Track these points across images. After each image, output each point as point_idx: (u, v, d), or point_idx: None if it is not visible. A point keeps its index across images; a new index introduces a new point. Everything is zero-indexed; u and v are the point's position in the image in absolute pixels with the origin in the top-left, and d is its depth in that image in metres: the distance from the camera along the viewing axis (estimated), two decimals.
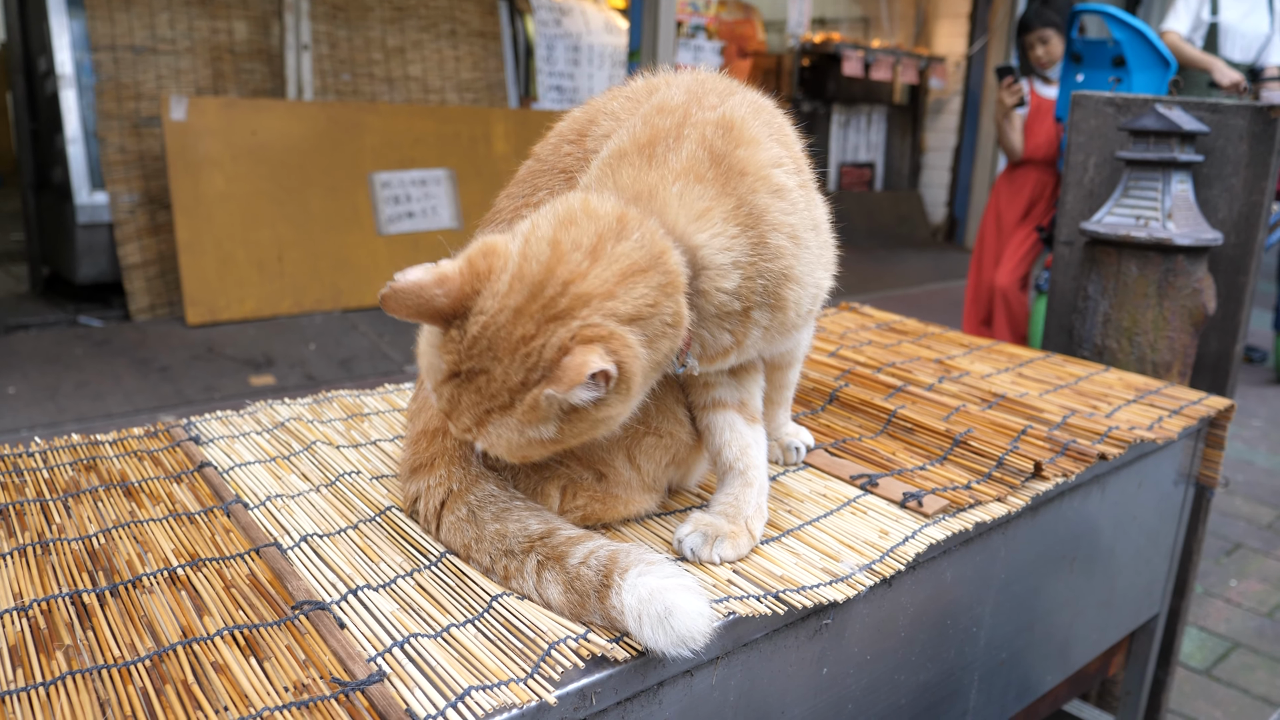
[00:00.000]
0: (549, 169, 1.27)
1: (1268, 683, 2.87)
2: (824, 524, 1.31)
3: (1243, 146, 2.18)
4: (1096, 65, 3.97)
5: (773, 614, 1.08)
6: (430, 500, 1.20)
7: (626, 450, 1.21)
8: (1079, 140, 2.40)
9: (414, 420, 1.29)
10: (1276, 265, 5.66)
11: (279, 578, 1.10)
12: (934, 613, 1.37)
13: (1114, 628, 1.88)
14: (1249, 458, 4.62)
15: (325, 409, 1.65)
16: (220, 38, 5.89)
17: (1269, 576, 3.50)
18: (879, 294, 7.29)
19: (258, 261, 5.70)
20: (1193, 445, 1.89)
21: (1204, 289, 2.15)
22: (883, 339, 2.15)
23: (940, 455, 1.53)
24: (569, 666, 0.96)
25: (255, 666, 0.95)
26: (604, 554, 1.03)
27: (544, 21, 6.87)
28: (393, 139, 6.17)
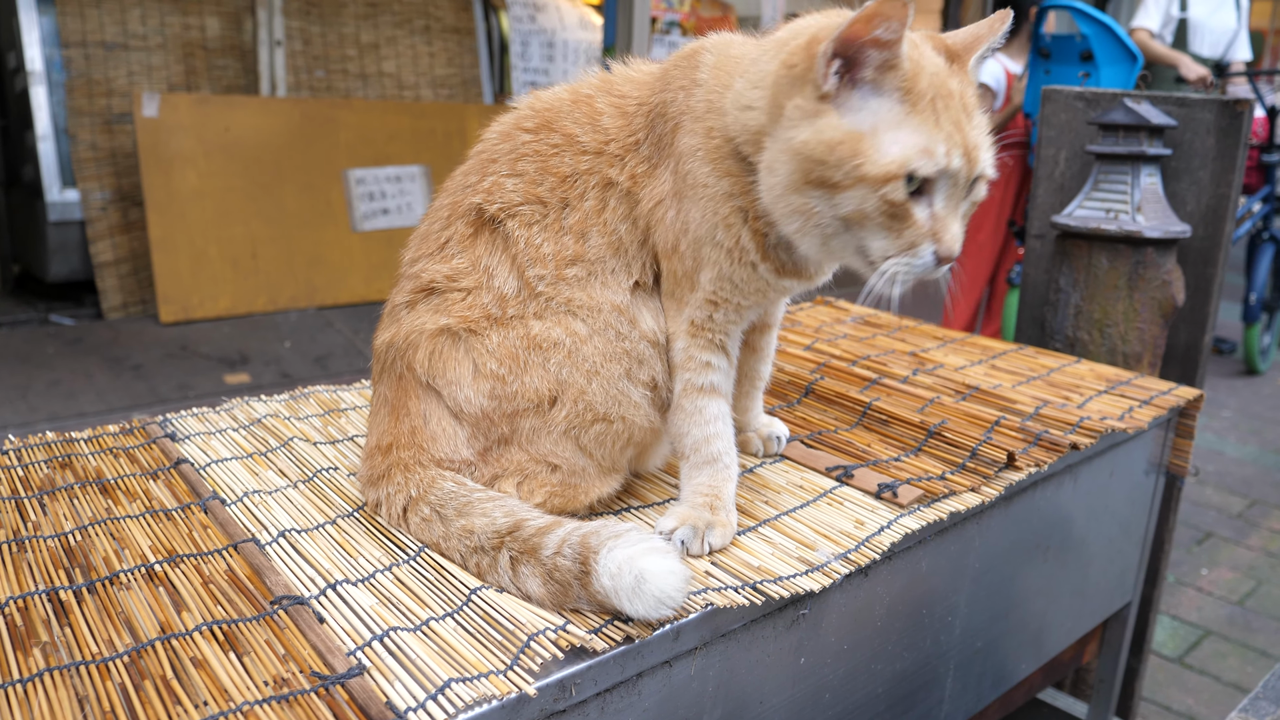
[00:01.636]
0: (505, 156, 1.27)
1: (1239, 670, 2.91)
2: (800, 515, 1.32)
3: (1210, 140, 2.21)
4: (1065, 60, 4.02)
5: (750, 605, 1.09)
6: (392, 507, 1.21)
7: (575, 440, 1.22)
8: (1049, 134, 2.43)
9: (369, 435, 1.30)
10: (1245, 258, 5.73)
11: (257, 573, 1.10)
12: (910, 602, 1.38)
13: (1087, 616, 1.91)
14: (1219, 448, 4.68)
15: (302, 405, 1.65)
16: (192, 34, 5.84)
17: (1239, 565, 3.55)
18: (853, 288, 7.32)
19: (232, 259, 5.66)
20: (1163, 435, 1.92)
21: (1173, 281, 2.18)
22: (858, 332, 2.17)
23: (915, 446, 1.54)
24: (548, 658, 0.96)
25: (234, 661, 0.95)
26: (577, 540, 1.04)
27: (518, 18, 6.85)
28: (367, 135, 6.14)
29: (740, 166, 1.16)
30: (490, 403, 1.19)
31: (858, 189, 1.03)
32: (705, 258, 1.21)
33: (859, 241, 1.08)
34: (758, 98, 1.11)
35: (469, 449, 1.21)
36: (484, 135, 1.32)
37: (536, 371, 1.19)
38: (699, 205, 1.19)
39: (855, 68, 1.03)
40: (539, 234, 1.22)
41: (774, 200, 1.10)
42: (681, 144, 1.20)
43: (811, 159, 1.04)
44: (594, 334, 1.20)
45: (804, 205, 1.07)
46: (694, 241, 1.21)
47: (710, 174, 1.18)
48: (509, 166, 1.25)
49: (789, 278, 1.24)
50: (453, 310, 1.21)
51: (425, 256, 1.27)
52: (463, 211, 1.26)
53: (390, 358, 1.25)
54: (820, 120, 1.03)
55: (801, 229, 1.10)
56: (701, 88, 1.20)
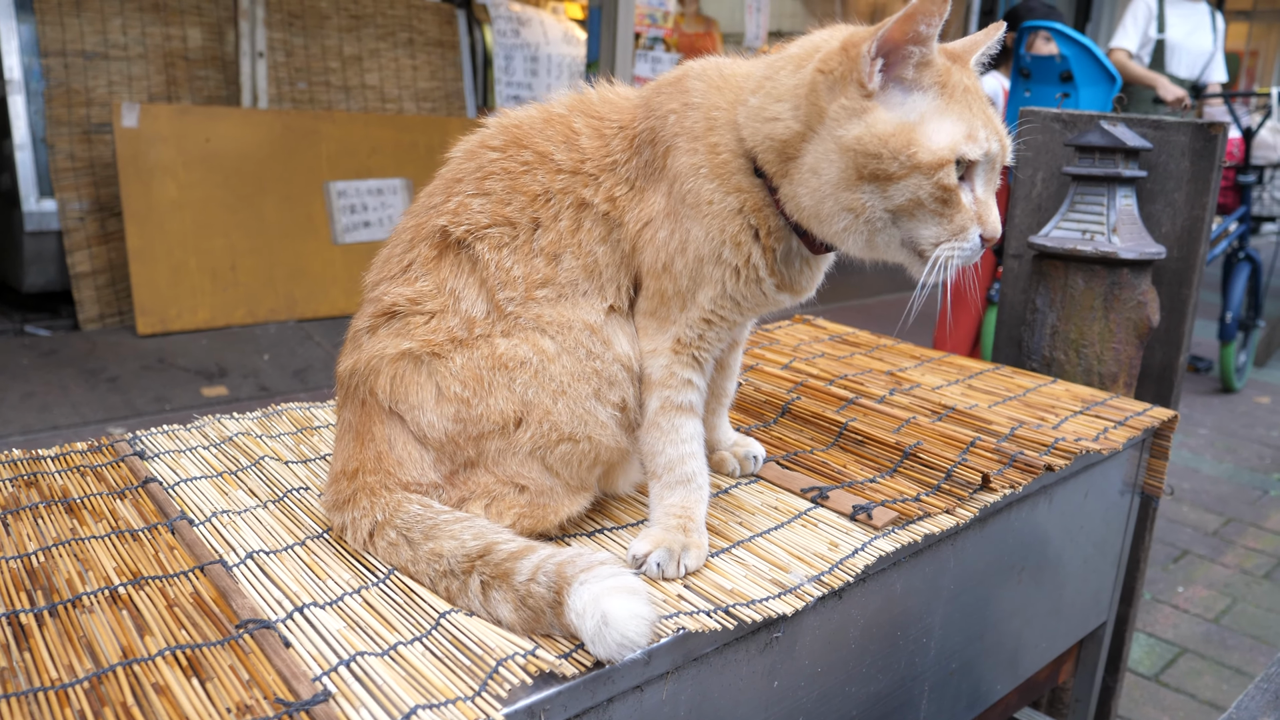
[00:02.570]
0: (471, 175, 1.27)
1: (1214, 687, 2.92)
2: (774, 536, 1.32)
3: (1185, 162, 2.23)
4: (1045, 80, 4.05)
5: (722, 628, 1.09)
6: (358, 531, 1.20)
7: (541, 460, 1.21)
8: (1026, 155, 2.44)
9: (334, 460, 1.28)
10: (1221, 277, 5.78)
11: (223, 596, 1.09)
12: (884, 624, 1.38)
13: (1063, 636, 1.91)
14: (1195, 465, 4.71)
15: (275, 423, 1.64)
16: (174, 44, 5.81)
17: (1215, 583, 3.57)
18: (835, 304, 7.35)
19: (211, 270, 5.63)
20: (1137, 455, 1.93)
21: (1148, 301, 2.19)
22: (836, 351, 2.17)
23: (890, 467, 1.54)
24: (517, 683, 0.95)
25: (197, 687, 0.93)
26: (552, 568, 1.03)
27: (502, 32, 6.86)
28: (349, 148, 6.12)
29: (750, 182, 1.19)
30: (455, 426, 1.18)
31: (912, 177, 1.08)
32: (707, 276, 1.22)
33: (908, 233, 1.12)
34: (784, 109, 1.14)
35: (435, 472, 1.20)
36: (450, 155, 1.31)
37: (501, 393, 1.18)
38: (702, 223, 1.20)
39: (895, 65, 1.08)
40: (509, 256, 1.22)
41: (819, 201, 1.13)
42: (678, 164, 1.21)
43: (865, 153, 1.08)
44: (563, 352, 1.19)
45: (854, 201, 1.10)
46: (694, 260, 1.21)
47: (716, 190, 1.19)
48: (475, 186, 1.25)
49: (785, 292, 1.27)
50: (415, 334, 1.20)
51: (387, 279, 1.26)
52: (426, 233, 1.25)
53: (353, 384, 1.24)
54: (869, 116, 1.08)
55: (849, 226, 1.13)
56: (697, 109, 1.22)
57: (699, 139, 1.20)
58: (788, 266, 1.25)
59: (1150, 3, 5.67)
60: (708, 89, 1.23)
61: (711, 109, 1.21)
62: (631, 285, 1.28)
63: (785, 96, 1.15)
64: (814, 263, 1.29)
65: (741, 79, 1.22)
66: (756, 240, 1.21)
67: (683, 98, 1.24)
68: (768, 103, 1.16)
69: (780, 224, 1.22)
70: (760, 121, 1.16)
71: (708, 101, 1.22)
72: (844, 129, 1.09)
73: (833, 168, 1.11)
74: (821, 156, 1.11)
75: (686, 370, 1.27)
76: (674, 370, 1.26)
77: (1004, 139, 1.15)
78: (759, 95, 1.17)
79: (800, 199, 1.15)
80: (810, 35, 1.21)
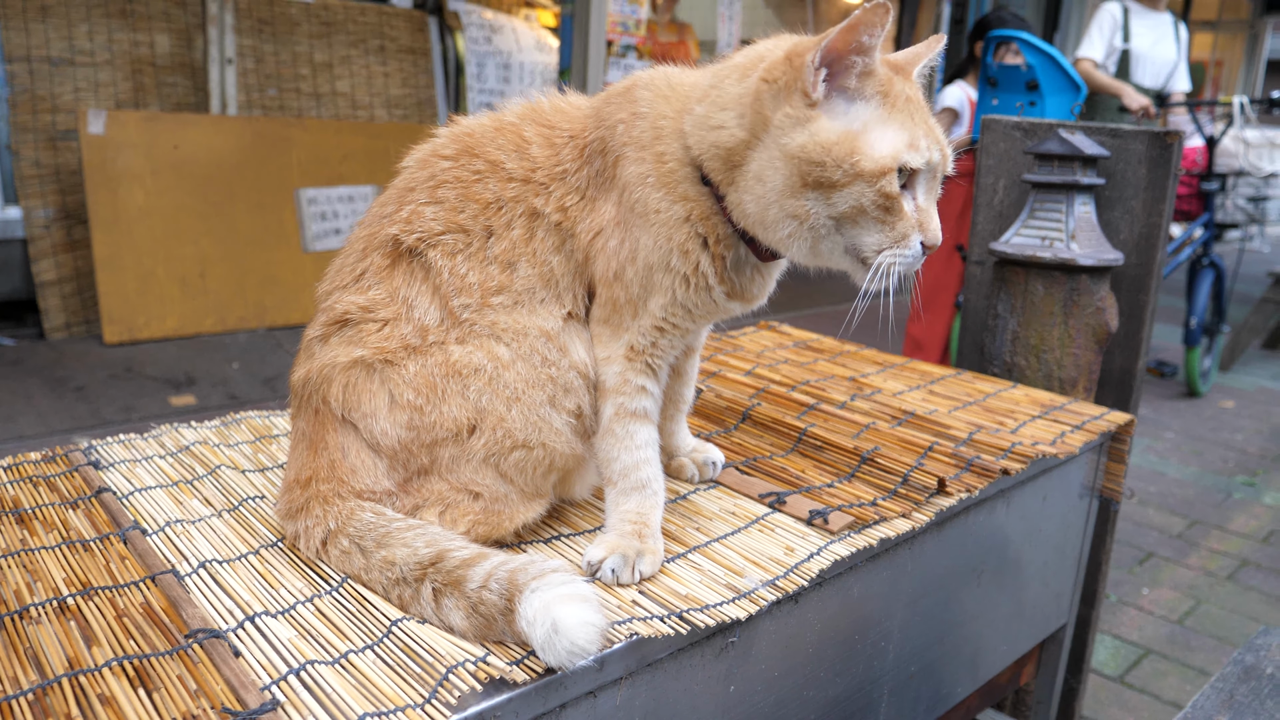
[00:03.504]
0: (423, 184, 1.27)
1: (1178, 688, 2.95)
2: (731, 541, 1.32)
3: (1142, 170, 2.26)
4: (1011, 90, 4.09)
5: (676, 634, 1.09)
6: (310, 540, 1.19)
7: (495, 467, 1.21)
8: (989, 163, 2.47)
9: (287, 469, 1.28)
10: (1186, 282, 5.85)
11: (174, 606, 1.08)
12: (842, 628, 1.39)
13: (1023, 638, 1.93)
14: (1161, 469, 4.76)
15: (233, 431, 1.63)
16: (141, 50, 5.77)
17: (1180, 585, 3.61)
18: (808, 310, 7.38)
19: (179, 278, 5.58)
20: (1095, 459, 1.95)
21: (1107, 307, 2.22)
22: (799, 357, 2.18)
23: (848, 472, 1.55)
24: (467, 690, 0.95)
25: (144, 698, 0.93)
26: (504, 575, 1.03)
27: (474, 39, 6.86)
28: (320, 155, 6.09)
29: (697, 190, 1.19)
30: (408, 433, 1.18)
31: (855, 185, 1.09)
32: (657, 284, 1.22)
33: (851, 240, 1.14)
34: (729, 118, 1.15)
35: (389, 480, 1.20)
36: (403, 165, 1.32)
37: (455, 400, 1.18)
38: (650, 232, 1.20)
39: (838, 75, 1.10)
40: (463, 263, 1.22)
41: (764, 208, 1.14)
42: (627, 174, 1.21)
43: (809, 161, 1.09)
44: (518, 359, 1.20)
45: (799, 208, 1.12)
46: (644, 268, 1.22)
47: (663, 199, 1.20)
48: (428, 194, 1.25)
49: (736, 300, 1.27)
50: (367, 341, 1.20)
51: (340, 288, 1.26)
52: (379, 242, 1.25)
53: (306, 393, 1.24)
54: (813, 125, 1.10)
55: (794, 233, 1.14)
56: (644, 119, 1.23)
57: (646, 148, 1.21)
58: (738, 274, 1.26)
59: (1116, 13, 5.75)
60: (654, 98, 1.24)
61: (658, 118, 1.22)
62: (586, 293, 1.28)
63: (730, 105, 1.16)
64: (764, 271, 1.30)
65: (688, 88, 1.23)
66: (705, 248, 1.22)
67: (631, 107, 1.25)
68: (713, 111, 1.17)
69: (728, 232, 1.22)
70: (706, 130, 1.17)
71: (654, 111, 1.23)
72: (789, 137, 1.10)
73: (778, 175, 1.12)
74: (766, 164, 1.13)
75: (640, 377, 1.28)
76: (628, 377, 1.27)
77: (945, 148, 1.17)
78: (704, 104, 1.18)
79: (746, 206, 1.16)
80: (754, 45, 1.22)
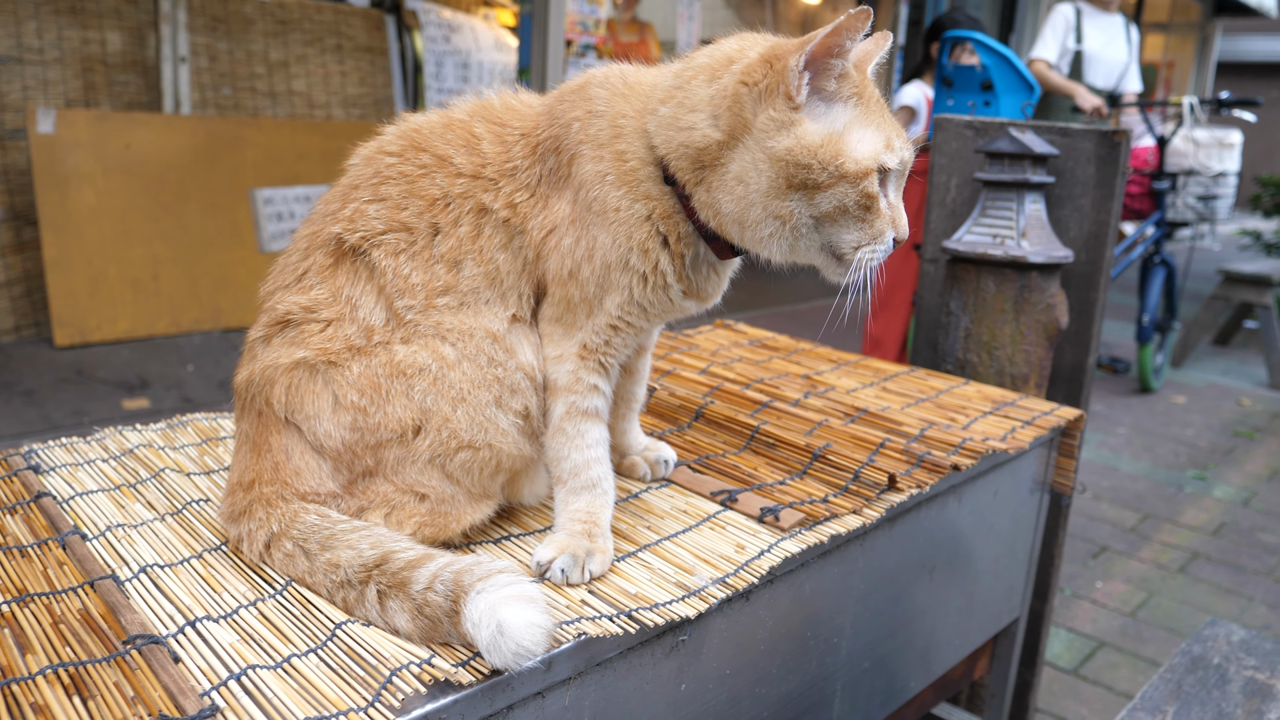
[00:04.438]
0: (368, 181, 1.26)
1: (1130, 679, 3.00)
2: (681, 540, 1.32)
3: (1090, 169, 2.29)
4: (967, 90, 4.13)
5: (625, 633, 1.09)
6: (254, 543, 1.18)
7: (441, 468, 1.20)
8: (941, 161, 2.49)
9: (231, 471, 1.26)
10: (1138, 279, 5.95)
11: (113, 611, 1.06)
12: (794, 625, 1.39)
13: (976, 633, 1.95)
14: (1114, 464, 4.83)
15: (179, 434, 1.60)
16: (92, 48, 5.67)
17: (1132, 577, 3.66)
18: (768, 310, 7.41)
19: (132, 280, 5.50)
20: (1046, 454, 1.97)
21: (1057, 304, 2.25)
22: (754, 355, 2.19)
23: (800, 470, 1.56)
24: (411, 693, 0.94)
25: (78, 705, 0.91)
26: (450, 576, 1.02)
27: (433, 38, 6.81)
28: (276, 155, 6.02)
29: (660, 189, 1.19)
30: (352, 435, 1.17)
31: (839, 186, 1.12)
32: (614, 282, 1.22)
33: (829, 238, 1.17)
34: (700, 119, 1.15)
35: (333, 482, 1.19)
36: (349, 162, 1.30)
37: (400, 400, 1.17)
38: (609, 230, 1.20)
39: (818, 77, 1.11)
40: (407, 263, 1.21)
41: (744, 209, 1.15)
42: (583, 172, 1.21)
43: (795, 164, 1.11)
44: (463, 359, 1.19)
45: (782, 209, 1.13)
46: (602, 267, 1.21)
47: (624, 198, 1.19)
48: (372, 192, 1.24)
49: (691, 298, 1.28)
50: (310, 342, 1.19)
51: (281, 288, 1.24)
52: (321, 241, 1.24)
53: (249, 395, 1.22)
54: (797, 129, 1.11)
55: (775, 233, 1.15)
56: (601, 117, 1.22)
57: (604, 146, 1.21)
58: (695, 273, 1.26)
59: (1069, 15, 5.82)
60: (611, 96, 1.23)
61: (618, 116, 1.22)
62: (533, 293, 1.28)
63: (700, 107, 1.16)
64: (720, 269, 1.30)
65: (648, 88, 1.23)
66: (665, 247, 1.22)
67: (586, 105, 1.24)
68: (681, 113, 1.17)
69: (689, 230, 1.23)
70: (674, 130, 1.17)
71: (613, 109, 1.22)
72: (774, 140, 1.11)
73: (762, 177, 1.13)
74: (749, 166, 1.13)
75: (593, 376, 1.28)
76: (580, 376, 1.27)
77: (911, 147, 1.20)
78: (670, 105, 1.18)
79: (721, 205, 1.16)
80: (718, 45, 1.22)
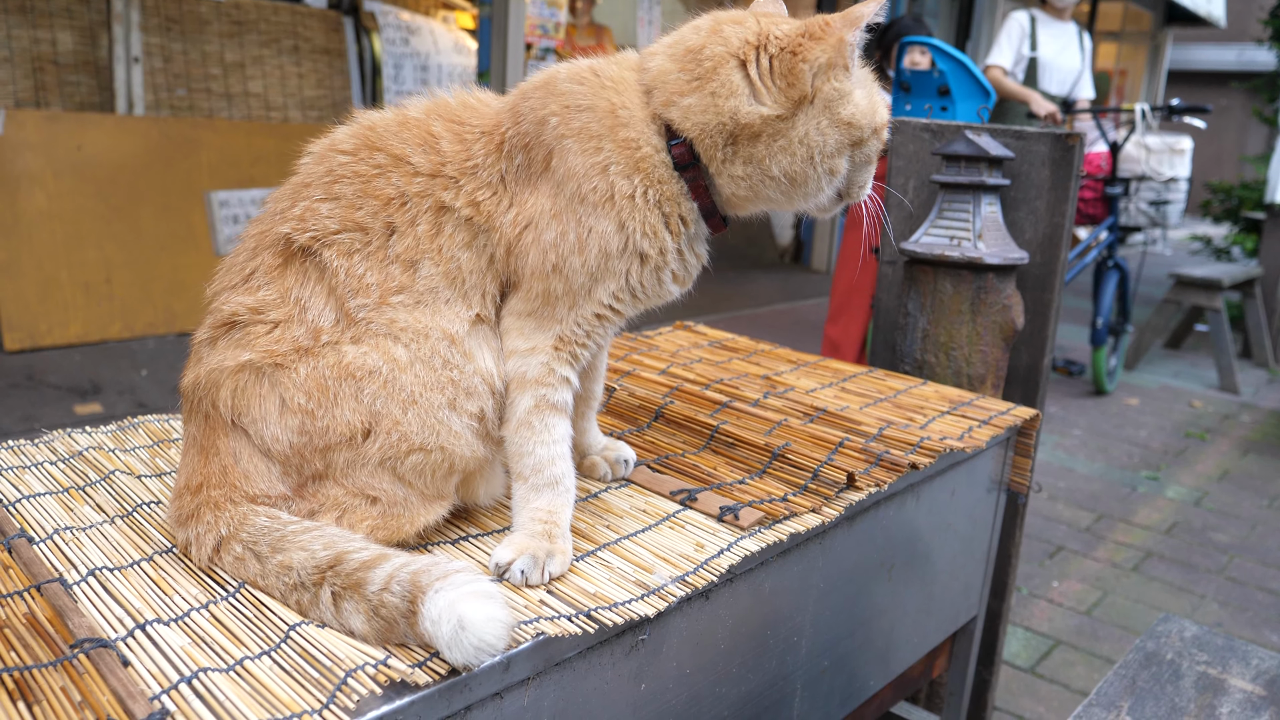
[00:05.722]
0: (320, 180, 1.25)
1: (1086, 677, 3.04)
2: (640, 539, 1.32)
3: (1045, 171, 2.32)
4: (923, 94, 4.18)
5: (584, 633, 1.08)
6: (202, 548, 1.15)
7: (392, 471, 1.19)
8: (898, 164, 2.51)
9: (179, 475, 1.24)
10: (1092, 283, 6.04)
11: (60, 615, 1.04)
12: (754, 624, 1.39)
13: (934, 631, 1.96)
14: (1070, 465, 4.90)
15: (130, 436, 1.57)
16: (43, 48, 5.57)
17: (1088, 576, 3.72)
18: (728, 314, 7.44)
19: (84, 283, 5.40)
20: (1002, 453, 2.00)
21: (1013, 305, 2.28)
22: (714, 356, 2.19)
23: (760, 469, 1.56)
24: (366, 694, 0.93)
25: (23, 711, 0.89)
26: (406, 577, 1.01)
27: (391, 40, 6.77)
28: (231, 157, 5.95)
29: (669, 174, 1.25)
30: (300, 438, 1.15)
31: (873, 140, 1.29)
32: (610, 269, 1.24)
33: (851, 181, 1.33)
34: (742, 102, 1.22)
35: (284, 485, 1.17)
36: (300, 161, 1.29)
37: (348, 403, 1.15)
38: (611, 218, 1.22)
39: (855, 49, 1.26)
40: (360, 263, 1.19)
41: (803, 167, 1.25)
42: (572, 165, 1.21)
43: (853, 125, 1.25)
44: (416, 361, 1.18)
45: (837, 165, 1.28)
46: (598, 255, 1.22)
47: (636, 184, 1.23)
48: (324, 190, 1.22)
49: (676, 283, 1.33)
50: (256, 344, 1.17)
51: (228, 289, 1.22)
52: (270, 241, 1.22)
53: (196, 398, 1.20)
54: (856, 94, 1.25)
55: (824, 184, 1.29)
56: (589, 111, 1.24)
57: (601, 137, 1.22)
58: (689, 252, 1.31)
59: (1023, 22, 5.91)
60: (595, 90, 1.25)
61: (616, 109, 1.24)
62: (499, 291, 1.27)
63: (739, 90, 1.22)
64: (700, 254, 1.34)
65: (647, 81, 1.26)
66: (668, 229, 1.26)
67: (561, 100, 1.24)
68: (718, 100, 1.22)
69: (691, 209, 1.28)
70: (710, 115, 1.22)
71: (606, 102, 1.24)
72: (840, 107, 1.24)
73: (828, 139, 1.24)
74: (814, 130, 1.24)
75: (565, 368, 1.28)
76: (553, 368, 1.26)
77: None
78: (700, 94, 1.23)
79: (771, 170, 1.26)
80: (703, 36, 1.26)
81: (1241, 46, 18.49)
